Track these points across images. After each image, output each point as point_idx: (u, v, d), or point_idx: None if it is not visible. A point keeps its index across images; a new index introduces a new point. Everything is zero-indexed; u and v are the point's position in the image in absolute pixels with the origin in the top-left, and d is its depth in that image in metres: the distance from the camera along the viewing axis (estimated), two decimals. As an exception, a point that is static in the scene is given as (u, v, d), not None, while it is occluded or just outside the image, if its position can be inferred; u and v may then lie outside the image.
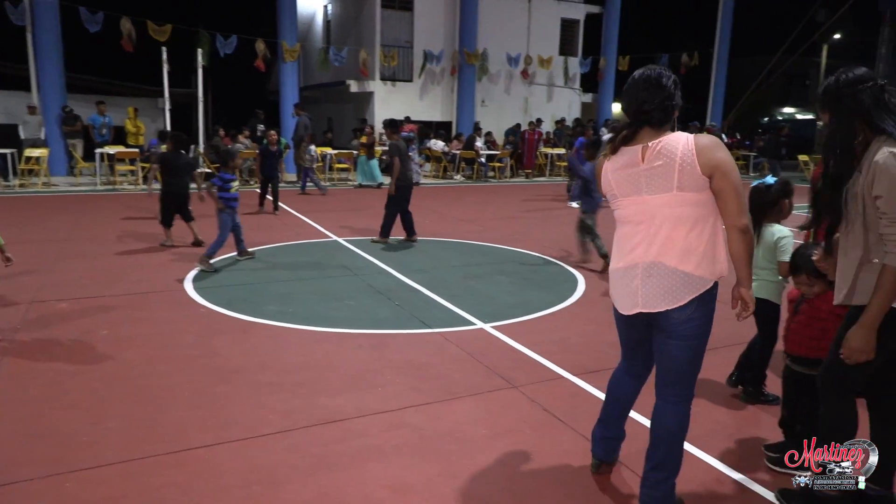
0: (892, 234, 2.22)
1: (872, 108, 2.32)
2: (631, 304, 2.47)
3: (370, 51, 19.06)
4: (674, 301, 2.36)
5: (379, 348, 4.44)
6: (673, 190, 2.32)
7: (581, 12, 23.00)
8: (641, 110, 2.37)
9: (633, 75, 2.45)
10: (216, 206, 6.57)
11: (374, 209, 11.19)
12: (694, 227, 2.34)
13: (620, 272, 2.50)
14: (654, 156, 2.34)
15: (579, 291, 6.04)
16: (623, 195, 2.44)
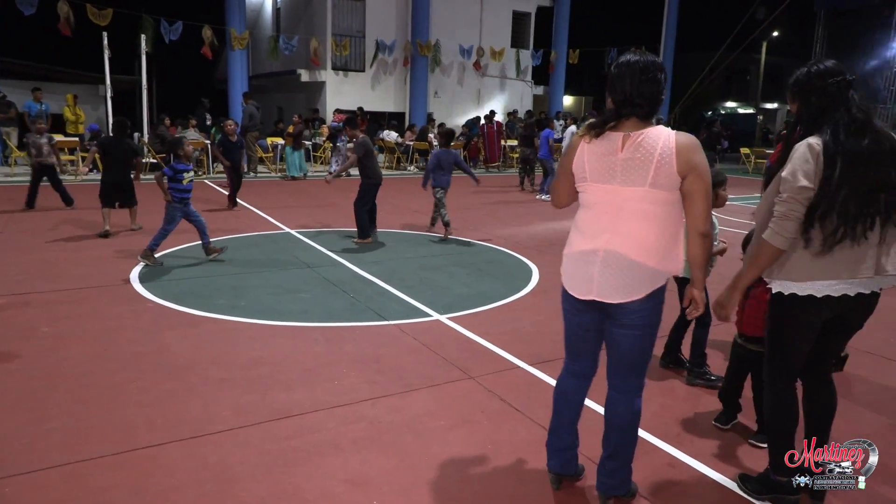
0: (777, 211, 2.36)
1: (833, 102, 2.40)
2: (586, 290, 2.43)
3: (321, 40, 18.76)
4: (628, 294, 2.36)
5: (334, 341, 4.40)
6: (646, 185, 2.29)
7: (532, 5, 23.17)
8: (633, 102, 2.31)
9: (623, 61, 2.35)
10: (165, 198, 6.24)
11: (325, 199, 11.06)
12: (659, 224, 2.34)
13: (578, 255, 2.45)
14: (633, 147, 2.30)
15: (534, 282, 6.12)
16: (594, 180, 2.38)
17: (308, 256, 6.84)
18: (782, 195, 2.35)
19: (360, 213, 7.62)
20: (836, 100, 2.41)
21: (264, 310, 5.01)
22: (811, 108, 2.46)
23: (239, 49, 16.76)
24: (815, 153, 2.33)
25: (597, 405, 3.34)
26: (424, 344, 4.38)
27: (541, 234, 8.58)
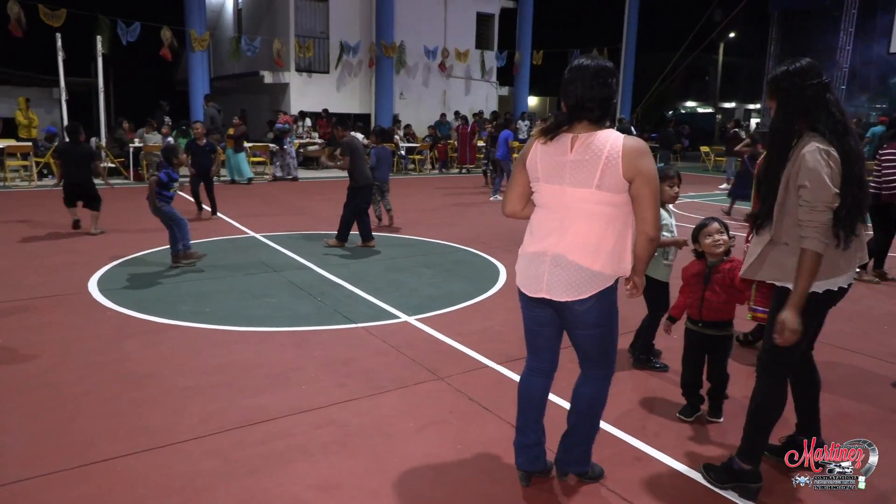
0: (810, 220, 2.39)
1: (813, 104, 2.49)
2: (536, 288, 2.50)
3: (284, 41, 18.56)
4: (576, 294, 2.42)
5: (302, 345, 4.35)
6: (592, 186, 2.33)
7: (496, 6, 23.32)
8: (584, 106, 2.35)
9: (576, 65, 2.38)
10: (154, 204, 6.20)
11: (291, 203, 10.95)
12: (606, 225, 2.38)
13: (530, 256, 2.52)
14: (582, 148, 2.35)
15: (501, 281, 6.15)
16: (545, 181, 2.44)
17: (274, 260, 6.76)
18: (816, 205, 2.38)
19: (345, 216, 7.37)
20: (818, 101, 2.49)
21: (230, 315, 4.94)
22: (793, 109, 2.52)
23: (199, 51, 16.49)
24: (833, 158, 2.40)
25: (562, 400, 3.38)
26: (393, 346, 4.37)
27: (507, 234, 8.63)
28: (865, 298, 5.86)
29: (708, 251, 3.35)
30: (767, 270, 2.61)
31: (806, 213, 2.41)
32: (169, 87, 24.06)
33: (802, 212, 2.42)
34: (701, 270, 3.40)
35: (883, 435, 3.32)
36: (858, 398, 3.75)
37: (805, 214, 2.42)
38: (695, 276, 3.42)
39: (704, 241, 3.35)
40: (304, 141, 17.51)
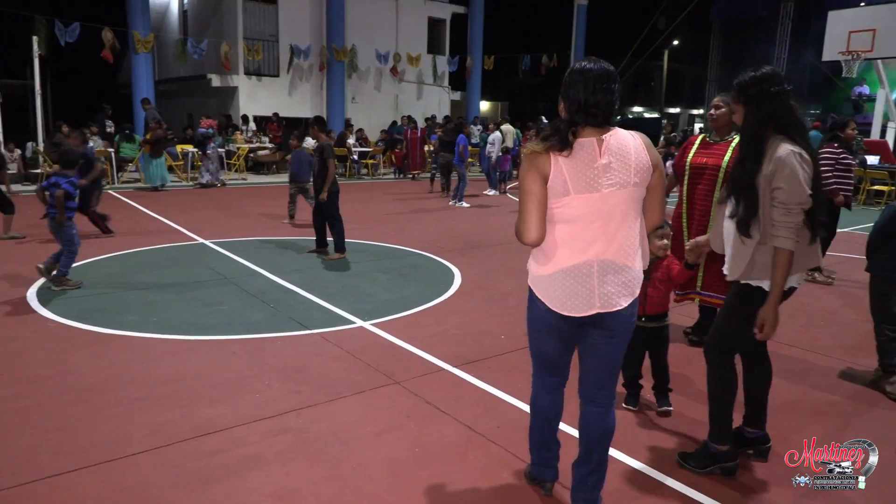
0: (786, 221, 2.53)
1: (779, 109, 2.63)
2: (587, 305, 2.31)
3: (232, 43, 18.22)
4: (629, 297, 2.34)
5: (255, 353, 4.29)
6: (630, 185, 2.26)
7: (447, 12, 23.46)
8: (588, 111, 2.24)
9: (578, 69, 2.29)
10: (58, 218, 5.60)
11: (240, 209, 10.75)
12: (636, 222, 2.34)
13: (567, 272, 2.29)
14: (608, 151, 2.25)
15: (456, 284, 6.19)
16: (578, 192, 2.24)
17: (224, 267, 6.62)
18: (791, 206, 2.52)
19: (336, 224, 7.09)
20: (783, 106, 2.63)
21: (179, 324, 4.82)
22: (761, 113, 2.65)
23: (143, 52, 16.01)
24: (805, 160, 2.55)
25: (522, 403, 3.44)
26: (349, 351, 4.35)
27: (461, 237, 8.69)
28: (803, 296, 6.14)
29: (654, 251, 3.47)
30: (756, 272, 2.69)
31: (782, 215, 2.54)
32: (111, 90, 23.30)
33: (777, 213, 2.55)
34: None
35: (822, 424, 3.49)
36: (799, 389, 3.93)
37: (781, 216, 2.54)
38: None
39: (656, 241, 3.47)
40: (254, 145, 17.22)
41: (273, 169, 17.58)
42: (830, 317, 5.55)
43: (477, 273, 6.68)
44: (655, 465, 3.00)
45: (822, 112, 22.17)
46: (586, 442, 2.52)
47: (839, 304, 5.93)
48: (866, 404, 3.77)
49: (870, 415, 3.65)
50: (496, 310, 5.42)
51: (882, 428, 3.47)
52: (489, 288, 6.13)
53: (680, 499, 2.75)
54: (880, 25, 13.89)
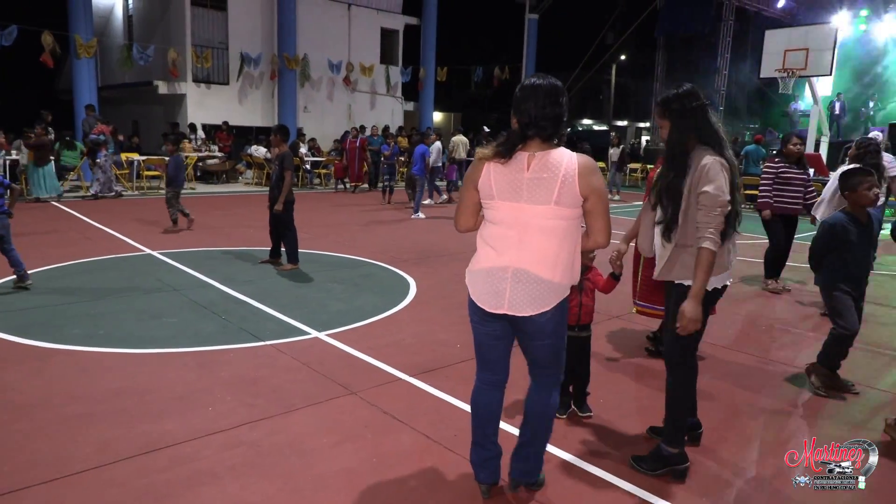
0: (708, 222, 2.72)
1: (700, 122, 2.84)
2: (496, 304, 2.51)
3: (180, 50, 17.83)
4: (540, 307, 2.48)
5: (206, 366, 4.19)
6: (551, 203, 2.40)
7: (400, 23, 23.55)
8: (537, 124, 2.40)
9: (528, 84, 2.45)
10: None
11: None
12: (563, 238, 2.47)
13: (487, 272, 2.52)
14: (538, 167, 2.41)
15: (411, 294, 6.19)
16: (501, 198, 2.46)
17: (173, 279, 6.45)
18: (713, 208, 2.70)
19: (290, 235, 7.01)
20: (704, 119, 2.84)
21: (127, 338, 4.67)
22: (685, 126, 2.85)
23: (86, 57, 15.50)
24: (726, 167, 2.77)
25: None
26: (304, 363, 4.29)
27: (415, 248, 8.71)
28: (749, 303, 6.39)
29: (587, 262, 3.53)
30: (678, 272, 2.90)
31: (704, 216, 2.73)
32: (51, 96, 22.43)
33: (700, 214, 2.74)
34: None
35: (765, 426, 3.63)
36: (746, 392, 4.08)
37: (703, 217, 2.73)
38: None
39: (589, 254, 3.51)
40: (203, 154, 16.86)
41: (223, 178, 17.24)
42: (776, 323, 5.79)
43: (432, 282, 6.70)
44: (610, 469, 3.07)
45: (761, 126, 23.19)
46: (526, 414, 2.72)
47: (785, 312, 6.19)
48: (809, 413, 3.94)
49: (813, 417, 3.82)
50: (452, 319, 5.45)
51: (823, 429, 3.64)
52: (445, 297, 6.16)
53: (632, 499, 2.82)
54: (812, 45, 14.65)
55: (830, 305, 4.09)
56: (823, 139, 16.47)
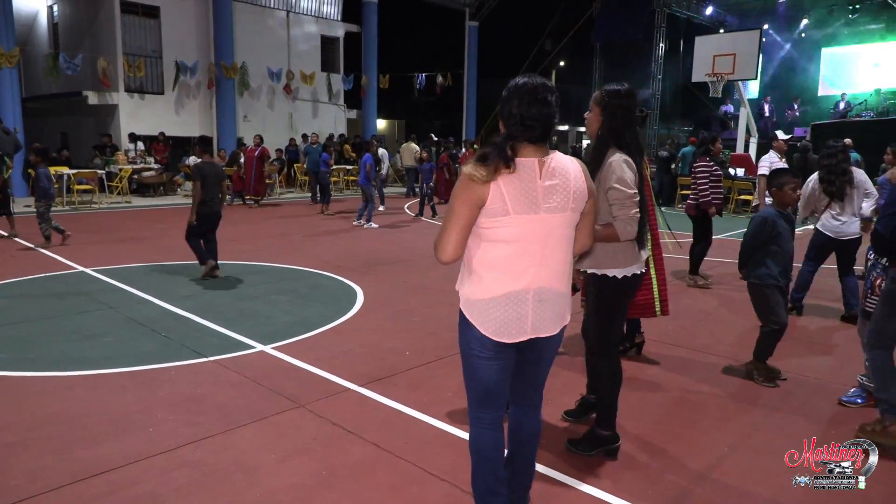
0: (622, 213, 2.89)
1: (626, 123, 3.03)
2: (519, 332, 2.27)
3: (111, 59, 17.19)
4: (561, 323, 2.36)
5: (146, 386, 4.03)
6: (567, 210, 2.26)
7: (340, 30, 23.39)
8: (524, 123, 2.20)
9: (512, 85, 2.27)
10: None
11: (124, 232, 10.12)
12: (570, 246, 2.36)
13: (503, 299, 2.24)
14: (549, 173, 2.22)
15: (358, 303, 6.14)
16: (517, 212, 2.18)
17: (108, 296, 6.20)
18: (624, 201, 2.87)
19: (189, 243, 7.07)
20: (629, 122, 3.03)
21: (59, 360, 4.45)
22: (614, 124, 3.03)
23: (7, 67, 14.76)
24: (632, 166, 2.95)
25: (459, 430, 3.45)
26: (248, 377, 4.19)
27: (361, 256, 8.64)
28: (684, 298, 6.61)
29: None
30: (587, 262, 3.12)
31: (618, 209, 2.90)
32: (-30, 108, 21.23)
33: (615, 208, 2.91)
34: None
35: (705, 416, 3.76)
36: (683, 384, 4.22)
37: (617, 210, 2.90)
38: None
39: None
40: (138, 167, 16.29)
41: (160, 191, 16.70)
42: (709, 317, 6.00)
43: (379, 291, 6.66)
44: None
45: (694, 128, 24.08)
46: (512, 443, 2.56)
47: (716, 305, 6.43)
48: (746, 401, 4.10)
49: (750, 406, 3.97)
50: (400, 327, 5.42)
51: (759, 417, 3.80)
52: (392, 305, 6.13)
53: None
54: (739, 50, 15.33)
55: (760, 302, 4.27)
56: (752, 140, 17.24)
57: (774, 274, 4.16)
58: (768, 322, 4.23)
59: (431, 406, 3.77)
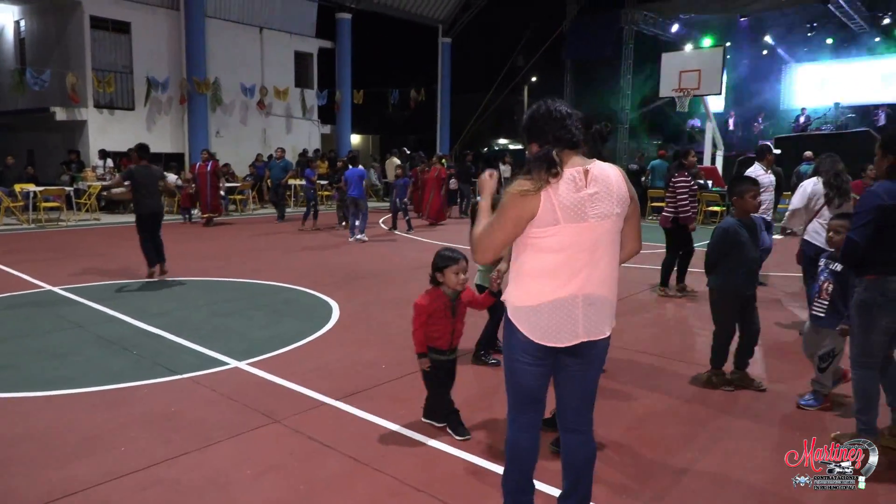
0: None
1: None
2: (571, 335, 2.34)
3: (80, 74, 16.97)
4: (610, 326, 2.42)
5: (118, 404, 3.97)
6: (614, 215, 2.32)
7: (314, 46, 23.41)
8: (563, 138, 2.31)
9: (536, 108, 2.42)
10: None
11: (91, 249, 9.95)
12: (617, 252, 2.41)
13: (553, 304, 2.32)
14: (592, 181, 2.30)
15: (334, 318, 6.12)
16: (568, 221, 2.26)
17: (77, 315, 6.08)
18: None
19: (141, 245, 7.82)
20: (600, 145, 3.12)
21: (26, 381, 4.36)
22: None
23: (-28, 83, 14.50)
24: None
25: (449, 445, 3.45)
26: (223, 394, 4.15)
27: (337, 271, 8.62)
28: (658, 308, 6.72)
29: (452, 285, 3.47)
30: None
31: None
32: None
33: None
34: (446, 304, 3.49)
35: (675, 421, 3.83)
36: (655, 391, 4.29)
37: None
38: (440, 311, 3.48)
39: (452, 276, 3.44)
40: (107, 183, 16.02)
41: (130, 208, 16.43)
42: (680, 326, 6.12)
43: (355, 305, 6.65)
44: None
45: (663, 142, 24.57)
46: (572, 472, 2.54)
47: (687, 315, 6.55)
48: (715, 407, 4.19)
49: (718, 412, 4.06)
50: (376, 340, 5.42)
51: (728, 423, 3.88)
52: (368, 319, 6.12)
53: None
54: (704, 67, 15.74)
55: (715, 309, 4.38)
56: (718, 153, 17.65)
57: (737, 283, 4.24)
58: (718, 328, 4.36)
59: (409, 418, 3.77)
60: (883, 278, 3.21)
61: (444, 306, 3.49)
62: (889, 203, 3.13)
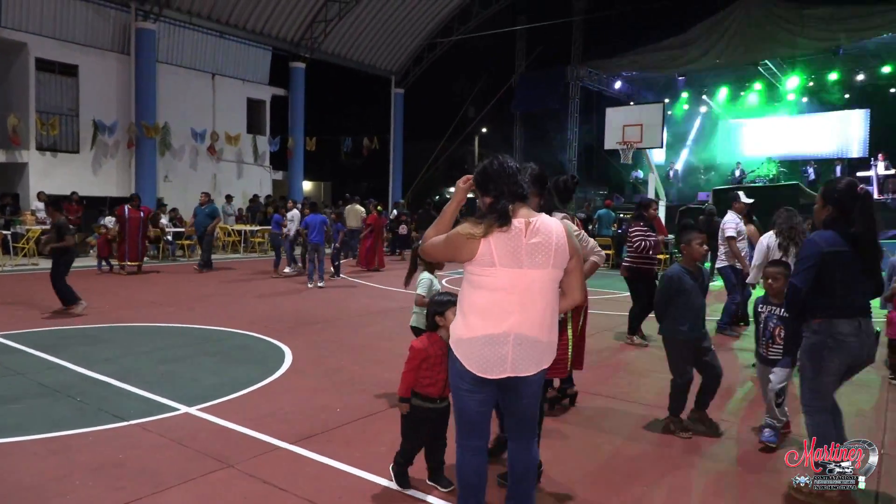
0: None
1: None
2: (499, 369, 2.56)
3: (22, 116, 16.57)
4: (539, 365, 2.62)
5: (62, 452, 3.83)
6: (549, 267, 2.56)
7: (267, 93, 23.55)
8: (515, 192, 2.59)
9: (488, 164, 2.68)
10: None
11: (23, 294, 9.58)
12: (554, 299, 2.63)
13: (485, 339, 2.56)
14: (533, 232, 2.55)
15: (287, 363, 6.06)
16: (502, 265, 2.52)
17: (16, 362, 5.84)
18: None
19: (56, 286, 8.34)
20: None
21: (-39, 429, 4.15)
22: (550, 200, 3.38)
23: None
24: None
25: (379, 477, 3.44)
26: (174, 439, 4.06)
27: (289, 316, 8.55)
28: (618, 354, 6.91)
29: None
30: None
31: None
32: None
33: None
34: (443, 349, 3.18)
35: (630, 463, 3.94)
36: (609, 431, 4.41)
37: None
38: (437, 356, 3.29)
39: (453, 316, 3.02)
40: (47, 227, 15.50)
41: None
42: (643, 371, 6.31)
43: (307, 350, 6.60)
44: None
45: (609, 192, 25.48)
46: (512, 476, 2.79)
47: (648, 360, 6.75)
48: (665, 445, 4.34)
49: (668, 454, 4.20)
50: (329, 384, 5.40)
51: (679, 463, 4.02)
52: (321, 364, 6.09)
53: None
54: (646, 121, 16.59)
55: (670, 356, 4.48)
56: (661, 203, 18.44)
57: (683, 329, 4.33)
58: (675, 375, 4.42)
59: (365, 460, 3.77)
60: (829, 321, 3.28)
61: (441, 352, 3.26)
62: (828, 250, 3.28)
